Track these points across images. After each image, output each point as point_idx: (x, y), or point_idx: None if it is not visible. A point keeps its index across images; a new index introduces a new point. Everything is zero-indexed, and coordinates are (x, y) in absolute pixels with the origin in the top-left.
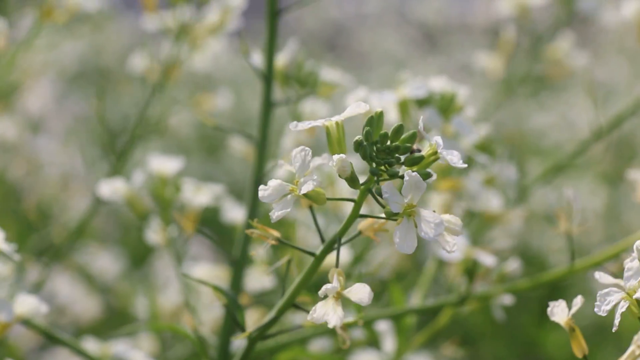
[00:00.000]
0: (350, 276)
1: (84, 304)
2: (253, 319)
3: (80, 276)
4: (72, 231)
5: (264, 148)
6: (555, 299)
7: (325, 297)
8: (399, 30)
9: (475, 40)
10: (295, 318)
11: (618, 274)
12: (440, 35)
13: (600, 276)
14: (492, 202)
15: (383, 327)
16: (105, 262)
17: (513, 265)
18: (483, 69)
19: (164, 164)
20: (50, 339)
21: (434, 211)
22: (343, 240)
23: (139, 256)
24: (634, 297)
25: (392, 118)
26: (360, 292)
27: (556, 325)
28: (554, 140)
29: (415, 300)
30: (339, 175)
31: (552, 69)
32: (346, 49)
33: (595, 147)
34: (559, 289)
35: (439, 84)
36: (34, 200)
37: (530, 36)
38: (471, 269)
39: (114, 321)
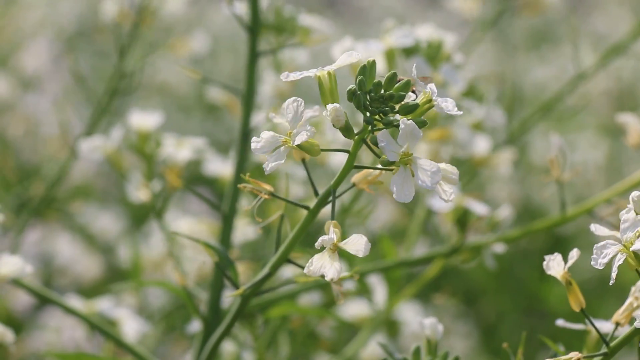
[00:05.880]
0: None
1: (85, 264)
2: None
3: (81, 236)
4: (48, 185)
5: (251, 100)
6: (561, 252)
7: (322, 249)
8: None
9: None
10: (283, 273)
11: (612, 221)
12: None
13: (596, 228)
14: (479, 145)
15: (373, 278)
16: (106, 222)
17: (504, 212)
18: (457, 8)
19: (144, 119)
20: (39, 298)
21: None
22: (337, 193)
23: (141, 215)
24: (631, 249)
25: (378, 68)
26: (358, 243)
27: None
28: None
29: (404, 252)
30: (334, 125)
31: (526, 4)
32: (346, 5)
33: (597, 99)
34: (563, 243)
35: (425, 32)
36: (11, 158)
37: None
38: (462, 218)
39: (116, 281)
